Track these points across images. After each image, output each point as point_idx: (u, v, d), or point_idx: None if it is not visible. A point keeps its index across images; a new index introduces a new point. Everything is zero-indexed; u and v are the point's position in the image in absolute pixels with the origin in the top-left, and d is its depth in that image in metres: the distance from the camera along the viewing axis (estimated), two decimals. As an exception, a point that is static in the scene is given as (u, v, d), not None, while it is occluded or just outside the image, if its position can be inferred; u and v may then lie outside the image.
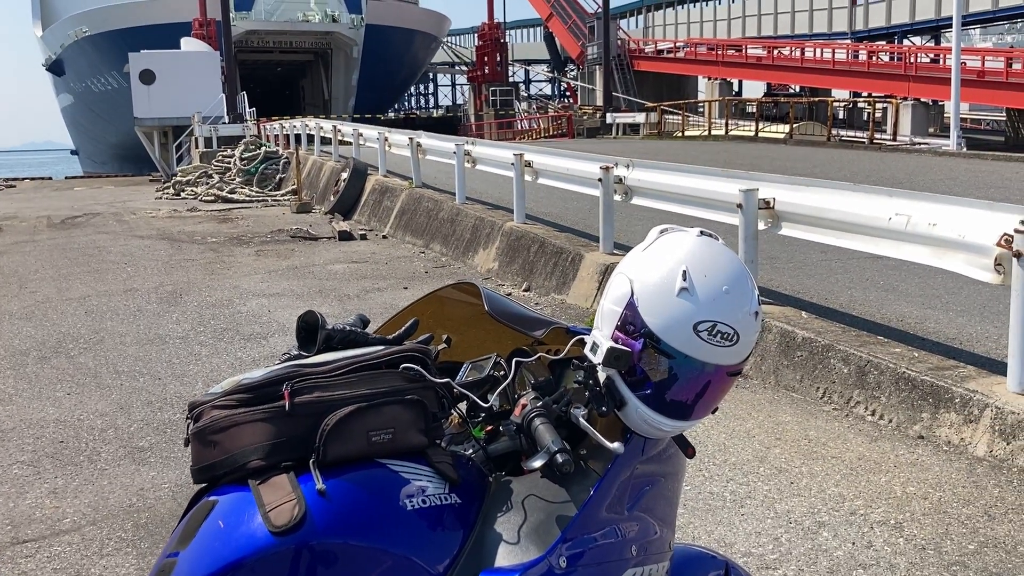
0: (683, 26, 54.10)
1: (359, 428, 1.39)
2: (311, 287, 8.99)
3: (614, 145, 26.72)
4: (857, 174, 14.64)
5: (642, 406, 1.49)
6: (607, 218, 7.98)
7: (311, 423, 1.37)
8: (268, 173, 21.66)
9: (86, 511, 3.86)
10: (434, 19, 52.13)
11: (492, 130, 44.00)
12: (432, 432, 1.48)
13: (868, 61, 34.49)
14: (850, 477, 3.99)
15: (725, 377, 1.50)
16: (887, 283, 6.90)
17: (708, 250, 1.51)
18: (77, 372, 6.06)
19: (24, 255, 11.77)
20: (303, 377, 1.42)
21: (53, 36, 52.47)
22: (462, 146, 11.55)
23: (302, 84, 53.21)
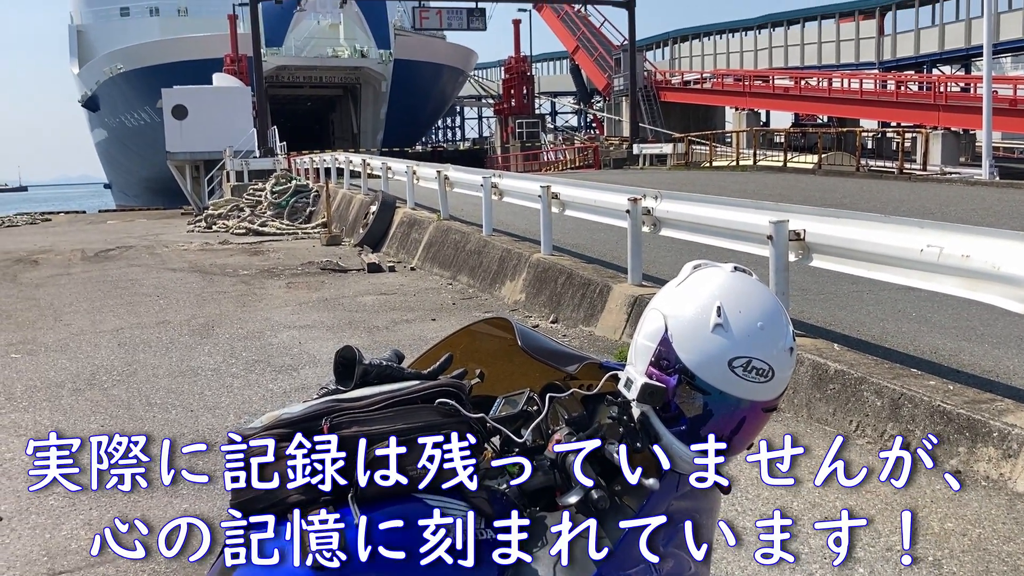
0: (709, 57, 54.26)
1: (396, 463, 1.40)
2: (341, 319, 9.05)
3: (641, 176, 26.77)
4: (887, 204, 14.55)
5: (677, 442, 1.49)
6: (635, 250, 7.98)
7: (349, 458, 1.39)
8: (298, 206, 21.91)
9: (120, 543, 3.89)
10: (461, 53, 52.71)
11: (519, 162, 44.23)
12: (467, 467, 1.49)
13: (897, 91, 34.36)
14: (885, 512, 3.93)
15: (760, 413, 1.50)
16: (920, 314, 6.83)
17: (742, 286, 1.51)
18: (111, 404, 6.13)
19: (59, 288, 11.96)
20: (342, 412, 1.44)
21: (89, 73, 53.67)
22: (489, 179, 11.62)
23: (332, 118, 53.92)
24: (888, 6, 42.63)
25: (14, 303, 10.77)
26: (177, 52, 44.78)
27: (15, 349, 8.08)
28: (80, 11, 59.86)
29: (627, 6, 39.88)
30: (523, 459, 1.51)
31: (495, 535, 1.45)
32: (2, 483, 4.63)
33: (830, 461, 1.53)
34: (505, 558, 1.45)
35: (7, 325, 9.30)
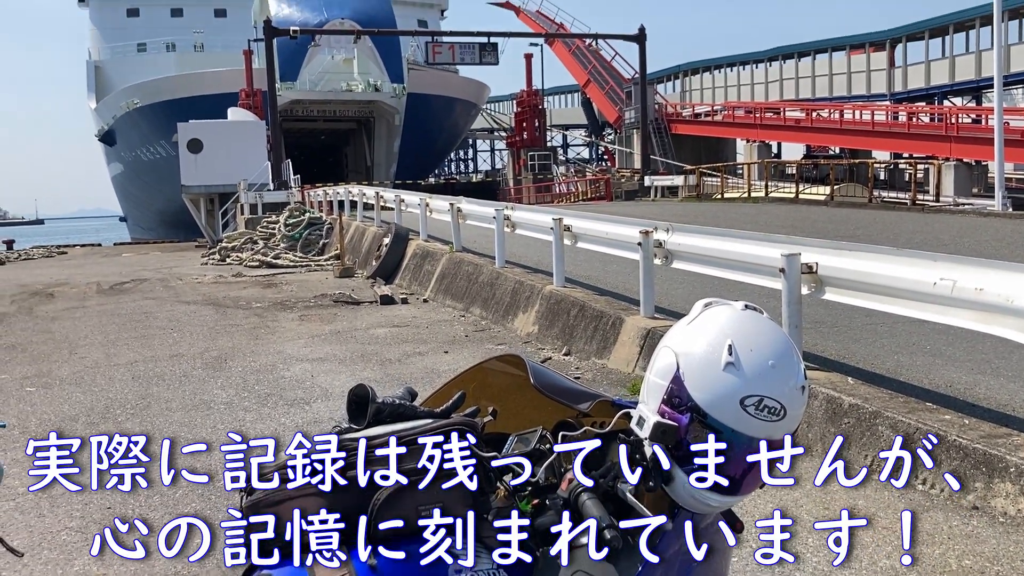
0: (720, 90, 54.54)
1: (409, 502, 1.41)
2: (353, 352, 9.06)
3: (652, 208, 26.82)
4: (900, 236, 14.52)
5: (689, 481, 1.49)
6: (647, 282, 7.98)
7: (362, 497, 1.40)
8: (312, 239, 22.04)
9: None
10: (474, 87, 53.16)
11: (530, 194, 44.40)
12: (479, 506, 1.49)
13: (908, 122, 34.43)
14: (902, 549, 3.89)
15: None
16: (934, 348, 6.79)
17: (753, 324, 1.52)
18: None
19: (74, 321, 12.04)
20: (355, 451, 1.44)
21: (106, 108, 54.38)
22: (502, 211, 11.68)
23: (345, 151, 54.36)
24: (898, 38, 42.86)
25: (30, 336, 10.84)
26: (193, 87, 45.36)
27: (30, 382, 8.13)
28: (98, 47, 60.84)
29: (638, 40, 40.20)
30: (524, 459, 1.52)
31: (507, 575, 1.45)
32: (15, 517, 4.63)
33: (830, 461, 1.53)
34: (505, 558, 1.44)
35: (22, 358, 9.36)
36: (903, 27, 42.80)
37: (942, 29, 40.42)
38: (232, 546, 1.45)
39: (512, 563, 1.47)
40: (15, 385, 8.02)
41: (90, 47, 61.94)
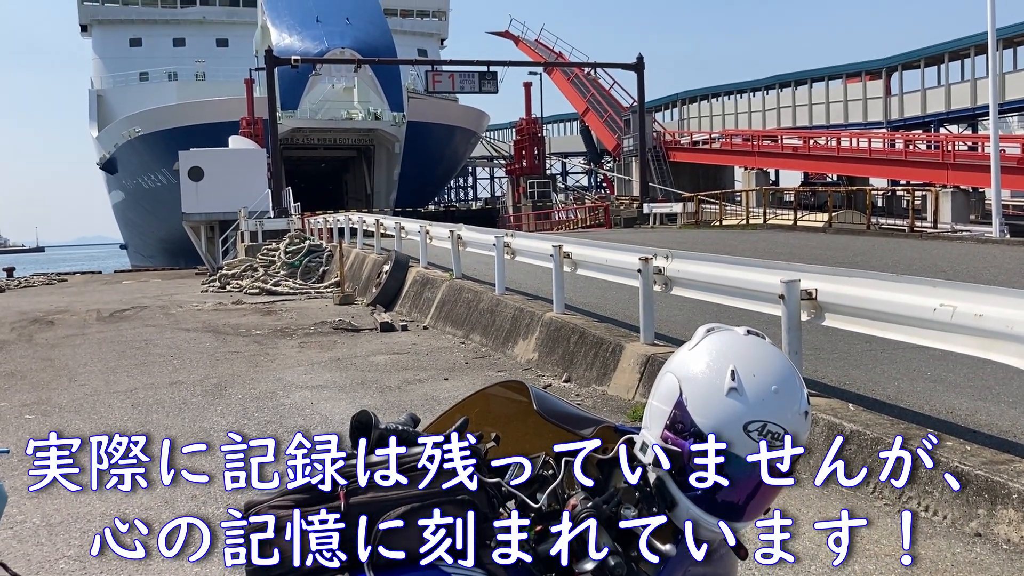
0: (718, 117, 54.89)
1: (413, 529, 1.41)
2: (353, 379, 9.05)
3: (652, 235, 26.88)
4: (899, 263, 14.55)
5: (693, 507, 1.49)
6: (647, 309, 7.99)
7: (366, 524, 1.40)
8: (312, 266, 22.07)
9: (130, 607, 3.86)
10: (473, 115, 53.48)
11: (530, 221, 44.53)
12: (483, 533, 1.49)
13: (905, 149, 34.62)
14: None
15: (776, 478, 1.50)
16: (935, 374, 6.79)
17: (756, 349, 1.53)
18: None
19: (74, 348, 12.03)
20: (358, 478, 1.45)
21: (108, 136, 54.65)
22: (502, 238, 11.71)
23: (345, 179, 54.57)
24: (894, 67, 43.21)
25: (29, 363, 10.83)
26: (194, 115, 45.61)
27: (29, 410, 8.11)
28: (100, 76, 61.25)
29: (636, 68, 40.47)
30: (523, 459, 1.52)
31: (513, 600, 1.45)
32: (13, 545, 4.61)
33: (830, 461, 1.52)
34: (505, 558, 1.43)
35: (22, 386, 9.34)
36: (899, 56, 43.18)
37: (937, 58, 40.77)
38: (232, 546, 1.46)
39: None
40: (14, 412, 8.00)
41: (92, 76, 62.37)
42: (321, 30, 46.26)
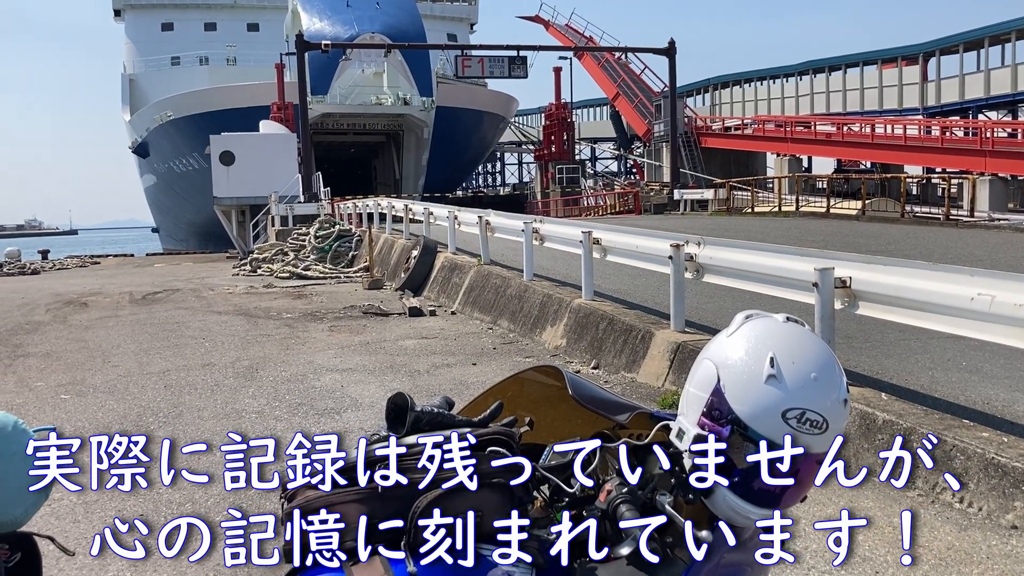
0: (750, 103, 54.32)
1: (448, 511, 1.41)
2: (382, 363, 9.10)
3: (682, 221, 26.72)
4: (934, 252, 14.36)
5: (729, 494, 1.48)
6: (677, 296, 7.95)
7: (402, 505, 1.40)
8: (341, 251, 22.18)
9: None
10: (502, 100, 53.35)
11: (558, 207, 44.44)
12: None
13: (942, 136, 34.08)
14: (939, 568, 3.83)
15: (814, 465, 1.48)
16: (970, 364, 6.69)
17: (795, 336, 1.50)
18: (156, 446, 6.19)
19: (108, 330, 12.19)
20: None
21: (140, 120, 55.19)
22: (530, 224, 11.68)
23: (374, 164, 54.73)
24: (932, 52, 42.48)
25: (64, 345, 10.99)
26: (225, 100, 45.93)
27: (65, 390, 8.23)
28: (133, 61, 61.80)
29: (668, 53, 40.13)
30: (525, 460, 1.51)
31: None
32: (51, 523, 4.68)
33: (830, 461, 1.50)
34: (505, 558, 1.43)
35: (57, 366, 9.48)
36: (937, 40, 42.43)
37: (977, 42, 40.01)
38: (233, 546, 1.47)
39: (548, 569, 1.46)
40: (50, 393, 8.13)
41: (125, 60, 62.95)
42: (351, 15, 46.31)
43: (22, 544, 1.47)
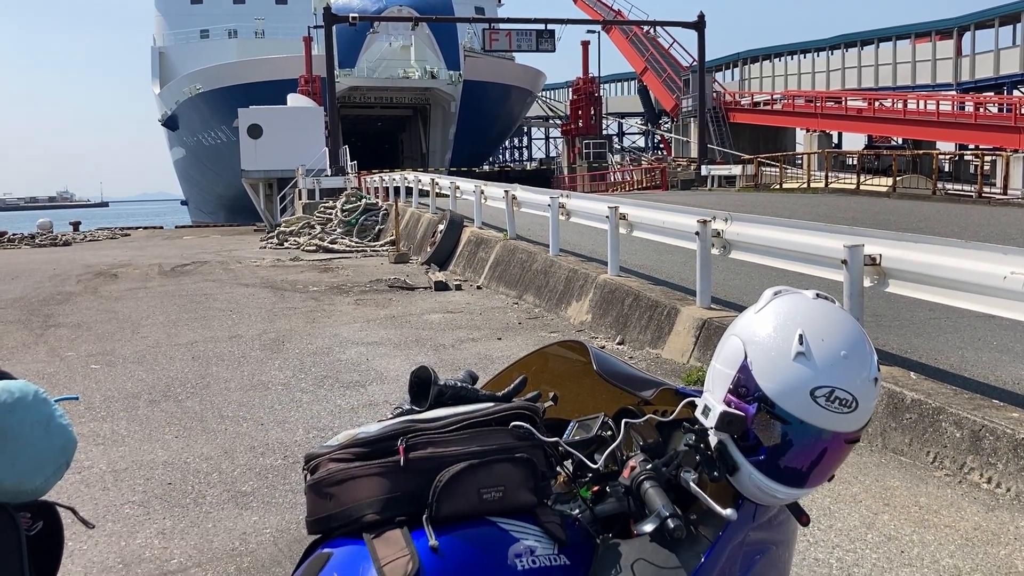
0: (780, 78, 53.60)
1: (471, 485, 1.40)
2: (408, 336, 9.13)
3: (709, 197, 26.49)
4: (966, 229, 14.14)
5: (755, 472, 1.46)
6: (704, 272, 7.89)
7: (424, 479, 1.40)
8: (368, 224, 22.23)
9: (192, 553, 3.97)
10: (530, 75, 53.01)
11: (585, 182, 44.21)
12: (541, 491, 1.48)
13: (975, 112, 33.46)
14: (965, 548, 3.80)
15: (842, 444, 1.46)
16: (1001, 343, 6.60)
17: (825, 313, 1.48)
18: (184, 416, 6.27)
19: (137, 301, 12.32)
20: (417, 433, 1.44)
21: (169, 93, 55.44)
22: (556, 199, 11.64)
23: (401, 138, 54.69)
24: (966, 26, 41.62)
25: (95, 315, 11.12)
26: (253, 73, 46.00)
27: (95, 360, 8.34)
28: (163, 34, 62.02)
29: (697, 27, 39.59)
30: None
31: (567, 561, 1.44)
32: (81, 490, 4.76)
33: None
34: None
35: (88, 336, 9.60)
36: (972, 15, 41.52)
37: (1013, 16, 39.13)
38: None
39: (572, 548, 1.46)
40: (81, 362, 8.24)
41: (155, 33, 63.18)
42: (379, -13, 46.07)
43: (44, 513, 1.49)
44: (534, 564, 1.40)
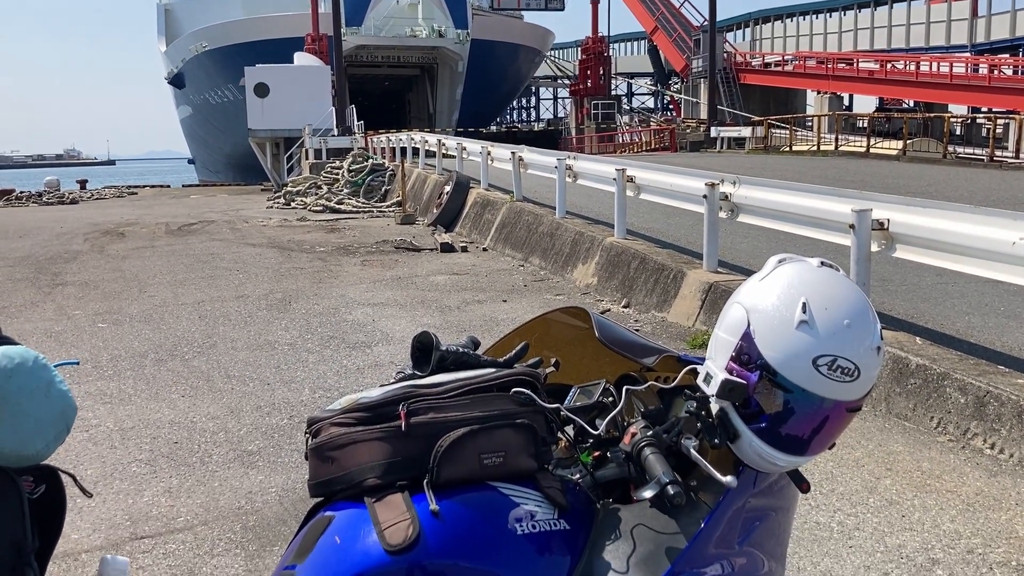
0: (791, 39, 52.98)
1: (472, 450, 1.41)
2: (413, 298, 9.14)
3: (718, 160, 26.32)
4: (976, 194, 14.04)
5: (756, 440, 1.46)
6: (711, 236, 7.86)
7: (426, 444, 1.40)
8: (374, 185, 22.16)
9: (198, 511, 4.01)
10: (538, 34, 52.47)
11: (593, 143, 43.96)
12: (541, 457, 1.49)
13: (989, 75, 33.06)
14: (967, 513, 3.82)
15: (844, 413, 1.45)
16: (1008, 309, 6.58)
17: (829, 281, 1.47)
18: (191, 375, 6.31)
19: (144, 260, 12.35)
20: (419, 398, 1.45)
21: (175, 51, 55.04)
22: (564, 160, 11.57)
23: (408, 98, 54.31)
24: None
25: (102, 274, 11.15)
26: (260, 31, 45.58)
27: (102, 318, 8.38)
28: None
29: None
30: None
31: (567, 526, 1.45)
32: (88, 448, 4.81)
33: None
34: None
35: (95, 295, 9.64)
36: (989, -26, 40.89)
37: (1031, -24, 38.53)
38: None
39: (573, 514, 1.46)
40: (88, 321, 8.28)
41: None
42: (387, -56, 45.51)
43: (46, 477, 1.50)
44: (534, 528, 1.40)
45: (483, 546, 1.36)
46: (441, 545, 1.33)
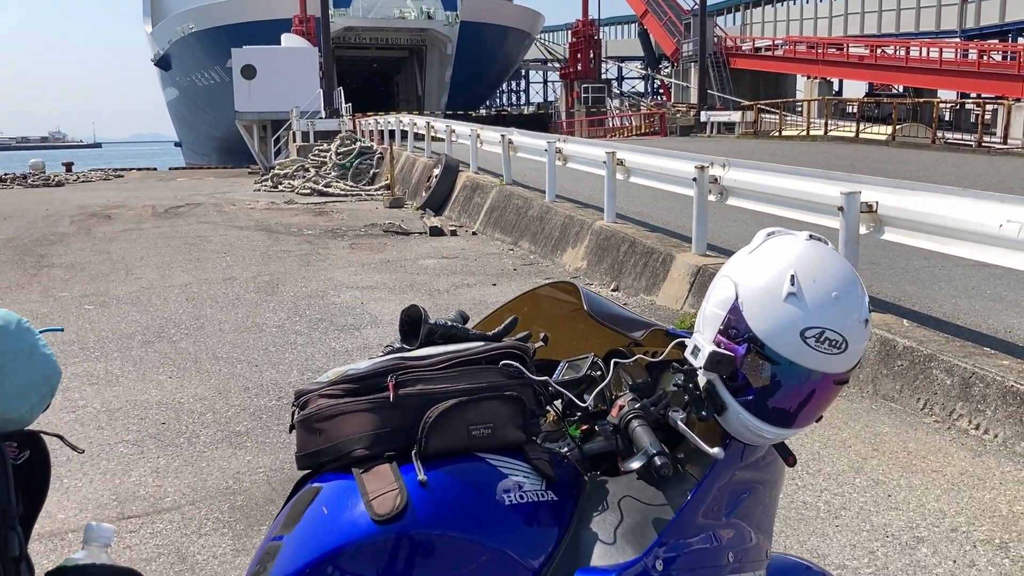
0: (782, 23, 52.91)
1: (460, 422, 1.41)
2: (402, 281, 9.12)
3: (708, 144, 26.31)
4: (964, 178, 14.09)
5: (743, 412, 1.46)
6: (700, 219, 7.87)
7: (414, 415, 1.40)
8: (362, 168, 22.07)
9: (186, 491, 4.01)
10: (528, 16, 52.26)
11: (583, 127, 43.87)
12: (530, 429, 1.49)
13: (978, 60, 33.10)
14: (951, 492, 3.85)
15: (831, 385, 1.46)
16: (994, 292, 6.62)
17: (817, 254, 1.47)
18: (179, 357, 6.29)
19: (131, 242, 12.28)
20: (407, 370, 1.44)
21: (162, 32, 54.58)
22: (554, 144, 11.54)
23: (396, 80, 54.06)
24: (973, -29, 41.00)
25: (88, 256, 11.09)
26: (247, 12, 45.21)
27: (89, 300, 8.33)
28: (153, -30, 60.81)
29: (699, -31, 38.98)
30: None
31: (555, 497, 1.45)
32: (75, 428, 4.79)
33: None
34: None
35: (82, 277, 9.59)
36: (979, -41, 40.87)
37: (1021, -39, 38.53)
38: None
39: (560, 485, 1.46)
40: (75, 303, 8.24)
41: (146, -30, 61.94)
42: (375, -75, 45.17)
43: (31, 443, 1.49)
44: (522, 499, 1.41)
45: (471, 516, 1.36)
46: (429, 515, 1.33)
